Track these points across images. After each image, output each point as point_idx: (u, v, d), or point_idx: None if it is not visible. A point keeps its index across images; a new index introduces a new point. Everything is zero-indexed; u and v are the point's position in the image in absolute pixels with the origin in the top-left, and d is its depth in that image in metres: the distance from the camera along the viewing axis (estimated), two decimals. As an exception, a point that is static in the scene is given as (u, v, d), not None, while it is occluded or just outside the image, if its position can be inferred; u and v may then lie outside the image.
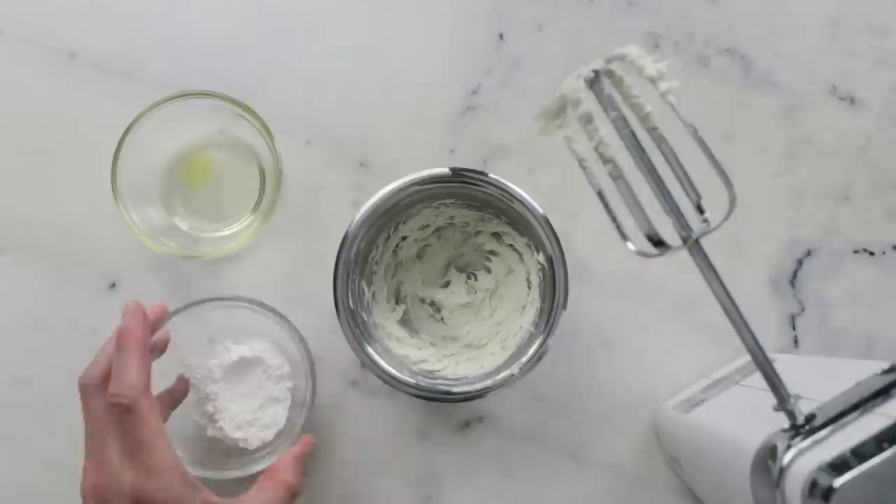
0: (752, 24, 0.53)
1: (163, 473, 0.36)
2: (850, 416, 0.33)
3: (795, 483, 0.31)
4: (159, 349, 0.44)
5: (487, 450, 0.50)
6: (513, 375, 0.44)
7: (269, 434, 0.47)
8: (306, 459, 0.44)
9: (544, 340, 0.44)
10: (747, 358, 0.35)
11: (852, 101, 0.52)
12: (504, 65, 0.52)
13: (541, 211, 0.45)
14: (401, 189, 0.45)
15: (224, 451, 0.48)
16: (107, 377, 0.38)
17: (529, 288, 0.49)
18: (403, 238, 0.49)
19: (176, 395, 0.46)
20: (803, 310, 0.51)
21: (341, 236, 0.45)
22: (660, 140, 0.34)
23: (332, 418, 0.50)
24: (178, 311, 0.45)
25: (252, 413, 0.47)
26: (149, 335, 0.40)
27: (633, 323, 0.51)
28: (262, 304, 0.46)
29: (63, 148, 0.51)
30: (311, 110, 0.52)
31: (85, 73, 0.51)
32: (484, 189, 0.46)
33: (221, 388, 0.47)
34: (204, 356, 0.48)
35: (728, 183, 0.33)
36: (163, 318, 0.43)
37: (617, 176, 0.33)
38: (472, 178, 0.45)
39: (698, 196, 0.33)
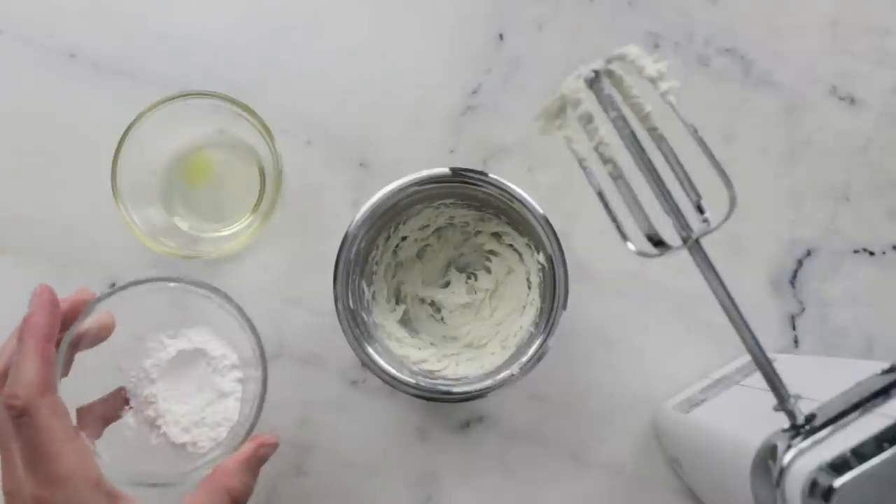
0: (752, 24, 0.53)
1: (67, 483, 0.32)
2: (850, 416, 0.33)
3: (795, 483, 0.31)
4: (90, 339, 0.39)
5: (487, 450, 0.50)
6: (513, 375, 0.44)
7: (222, 432, 0.43)
8: (260, 463, 0.39)
9: (544, 340, 0.44)
10: (747, 358, 0.35)
11: (852, 101, 0.52)
12: (504, 65, 0.52)
13: (541, 211, 0.45)
14: (401, 189, 0.45)
15: (174, 458, 0.43)
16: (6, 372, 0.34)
17: (529, 288, 0.49)
18: (403, 238, 0.49)
19: (111, 408, 0.42)
20: (803, 310, 0.51)
21: (341, 236, 0.45)
22: (660, 140, 0.34)
23: (332, 418, 0.50)
24: (102, 299, 0.39)
25: (198, 412, 0.43)
26: (56, 325, 0.36)
27: (632, 323, 0.51)
28: (193, 282, 0.41)
29: (63, 148, 0.51)
30: (311, 110, 0.52)
31: (85, 73, 0.51)
32: (484, 189, 0.46)
33: (160, 389, 0.43)
34: (137, 356, 0.43)
35: (728, 183, 0.33)
36: (81, 305, 0.38)
37: (617, 176, 0.33)
38: (472, 178, 0.45)
39: (698, 196, 0.33)
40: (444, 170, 0.45)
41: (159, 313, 0.44)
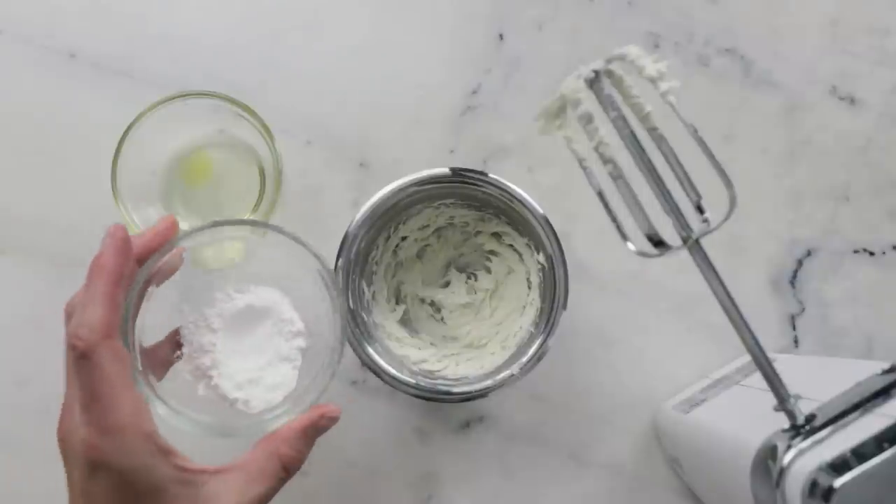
0: (752, 24, 0.53)
1: (120, 433, 0.31)
2: (850, 416, 0.33)
3: (795, 483, 0.31)
4: (160, 276, 0.37)
5: (487, 450, 0.50)
6: (513, 375, 0.44)
7: (277, 396, 0.40)
8: (317, 433, 0.37)
9: (544, 340, 0.44)
10: (747, 358, 0.35)
11: (852, 101, 0.52)
12: (504, 65, 0.52)
13: (541, 211, 0.45)
14: (401, 189, 0.45)
15: (220, 411, 0.41)
16: None
17: (529, 288, 0.49)
18: (403, 238, 0.49)
19: (168, 351, 0.40)
20: (803, 310, 0.51)
21: (341, 236, 0.45)
22: (660, 140, 0.34)
23: (332, 418, 0.50)
24: (183, 237, 0.37)
25: (255, 371, 0.41)
26: (126, 267, 0.34)
27: (633, 323, 0.51)
28: (275, 228, 0.37)
29: (63, 148, 0.51)
30: (311, 110, 0.52)
31: (85, 73, 0.51)
32: (484, 189, 0.46)
33: (219, 339, 0.40)
34: (201, 302, 0.41)
35: (728, 183, 0.33)
36: (158, 241, 0.37)
37: (617, 176, 0.33)
38: (472, 178, 0.45)
39: (698, 196, 0.33)
40: (444, 170, 0.45)
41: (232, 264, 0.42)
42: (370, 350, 0.45)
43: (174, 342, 0.40)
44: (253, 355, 0.41)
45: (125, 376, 0.32)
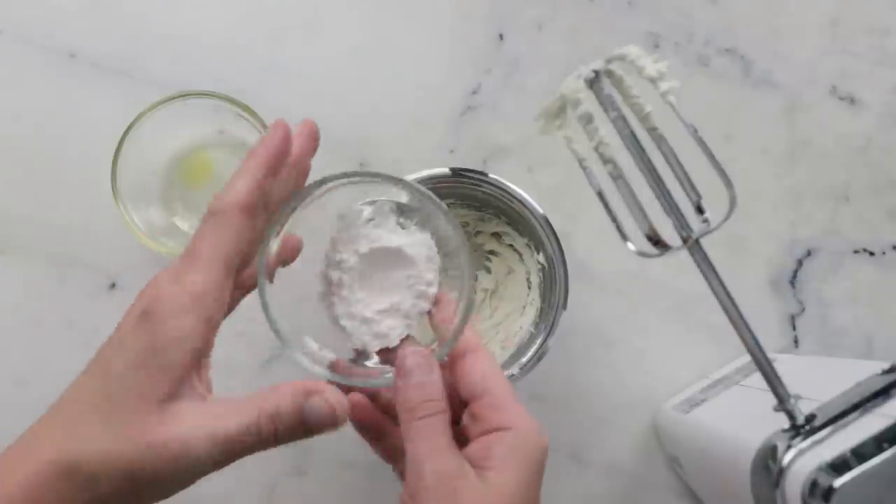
0: (752, 24, 0.53)
1: (181, 293, 0.30)
2: (850, 416, 0.33)
3: (795, 483, 0.31)
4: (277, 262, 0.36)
5: (487, 450, 0.50)
6: (513, 375, 0.44)
7: (392, 340, 0.37)
8: (312, 422, 0.34)
9: (544, 340, 0.44)
10: (747, 358, 0.35)
11: (852, 101, 0.52)
12: (504, 65, 0.52)
13: (541, 211, 0.45)
14: (401, 189, 0.45)
15: (329, 338, 0.38)
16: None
17: (529, 288, 0.49)
18: (403, 238, 0.49)
19: (288, 251, 0.37)
20: (803, 310, 0.51)
21: (341, 236, 0.45)
22: (660, 140, 0.34)
23: (332, 418, 0.50)
24: (337, 178, 0.36)
25: (371, 311, 0.38)
26: (281, 159, 0.34)
27: (633, 323, 0.51)
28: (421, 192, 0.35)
29: (63, 148, 0.51)
30: (311, 110, 0.51)
31: (85, 73, 0.51)
32: (484, 189, 0.46)
33: (356, 264, 0.38)
34: (348, 224, 0.38)
35: (728, 183, 0.33)
36: (313, 147, 0.37)
37: (617, 176, 0.33)
38: (472, 178, 0.45)
39: (698, 196, 0.33)
40: (444, 170, 0.45)
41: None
42: (370, 350, 0.45)
43: (295, 247, 0.38)
44: (375, 294, 0.38)
45: (227, 250, 0.31)
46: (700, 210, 0.33)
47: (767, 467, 0.33)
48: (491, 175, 0.45)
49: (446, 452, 0.31)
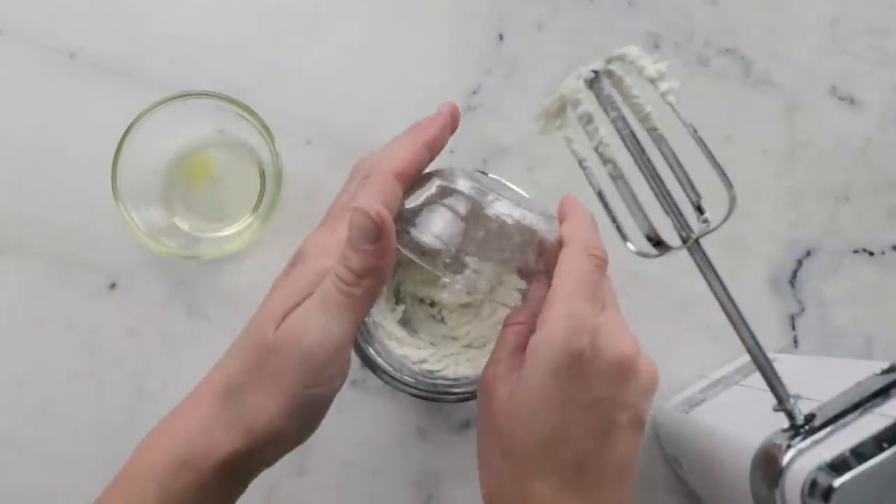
0: (752, 24, 0.53)
1: (303, 258, 0.33)
2: (849, 416, 0.33)
3: (795, 483, 0.31)
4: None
5: (487, 450, 0.50)
6: (513, 375, 0.43)
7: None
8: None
9: (544, 340, 0.44)
10: (747, 358, 0.35)
11: (852, 101, 0.52)
12: (504, 65, 0.52)
13: (541, 211, 0.44)
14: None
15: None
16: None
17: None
18: (403, 238, 0.49)
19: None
20: (803, 310, 0.51)
21: (341, 236, 0.45)
22: (660, 140, 0.34)
23: (332, 418, 0.50)
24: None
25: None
26: (442, 140, 0.36)
27: (632, 323, 0.50)
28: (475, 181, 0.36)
29: (63, 148, 0.51)
30: (311, 110, 0.52)
31: (85, 73, 0.51)
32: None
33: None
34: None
35: (728, 183, 0.33)
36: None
37: (617, 176, 0.33)
38: (472, 178, 0.45)
39: (698, 196, 0.33)
40: (444, 170, 0.45)
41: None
42: (370, 350, 0.45)
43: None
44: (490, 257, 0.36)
45: (375, 208, 0.31)
46: (700, 210, 0.33)
47: (767, 467, 0.33)
48: (491, 175, 0.45)
49: (502, 361, 0.34)
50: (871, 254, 0.51)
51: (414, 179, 0.35)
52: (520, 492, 0.31)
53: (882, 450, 0.31)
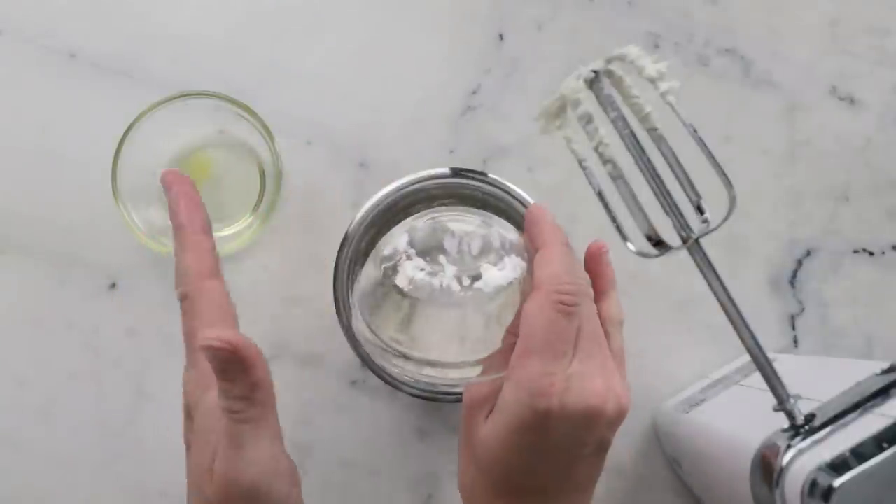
0: (752, 24, 0.53)
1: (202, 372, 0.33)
2: (849, 416, 0.33)
3: (795, 483, 0.31)
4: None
5: (487, 450, 0.50)
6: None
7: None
8: None
9: (544, 340, 0.44)
10: (747, 358, 0.35)
11: (852, 101, 0.52)
12: (504, 65, 0.52)
13: (541, 211, 0.44)
14: (400, 189, 0.45)
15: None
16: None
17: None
18: (403, 238, 0.49)
19: None
20: (803, 310, 0.51)
21: (341, 236, 0.45)
22: (660, 140, 0.34)
23: (332, 418, 0.50)
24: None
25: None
26: (202, 214, 0.36)
27: (632, 323, 0.51)
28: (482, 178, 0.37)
29: (63, 148, 0.51)
30: (312, 110, 0.52)
31: (85, 73, 0.51)
32: (484, 189, 0.45)
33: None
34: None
35: (728, 183, 0.33)
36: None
37: (617, 176, 0.33)
38: (472, 178, 0.45)
39: (698, 196, 0.33)
40: (444, 170, 0.45)
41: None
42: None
43: None
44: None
45: (220, 315, 0.34)
46: (700, 210, 0.33)
47: (767, 467, 0.33)
48: (491, 175, 0.45)
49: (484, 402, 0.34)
50: (871, 254, 0.51)
51: (214, 254, 0.36)
52: (487, 500, 0.34)
53: (882, 450, 0.31)
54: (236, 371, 0.30)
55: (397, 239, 0.38)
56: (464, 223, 0.38)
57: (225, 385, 0.30)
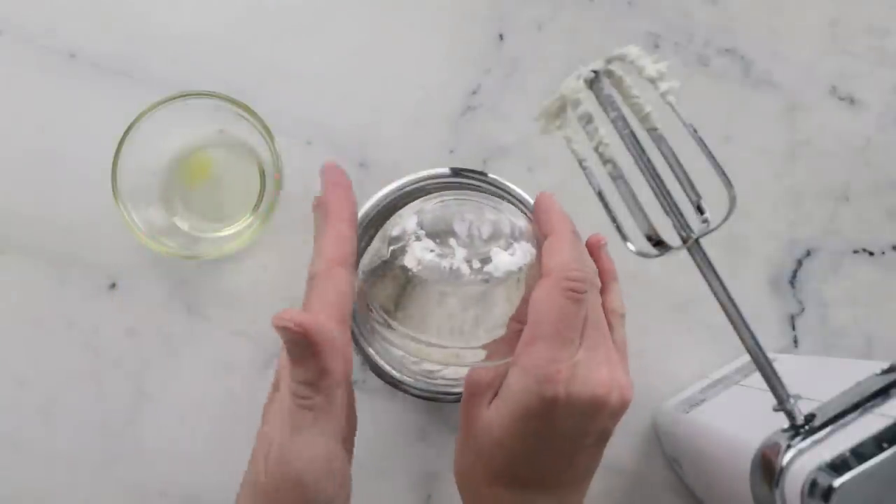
0: (752, 24, 0.53)
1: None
2: (849, 416, 0.33)
3: (795, 483, 0.31)
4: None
5: (487, 450, 0.50)
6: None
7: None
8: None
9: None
10: (747, 358, 0.35)
11: (852, 101, 0.52)
12: (504, 65, 0.52)
13: (541, 211, 0.44)
14: (400, 189, 0.45)
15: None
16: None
17: (529, 288, 0.49)
18: (403, 238, 0.49)
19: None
20: (803, 310, 0.51)
21: (341, 236, 0.45)
22: (660, 140, 0.34)
23: (332, 418, 0.50)
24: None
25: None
26: (350, 204, 0.37)
27: (632, 323, 0.51)
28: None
29: (63, 148, 0.51)
30: (311, 110, 0.52)
31: (85, 73, 0.51)
32: (484, 189, 0.46)
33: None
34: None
35: (728, 183, 0.33)
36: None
37: (617, 176, 0.33)
38: (472, 178, 0.45)
39: (698, 196, 0.33)
40: (444, 170, 0.45)
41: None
42: (370, 350, 0.45)
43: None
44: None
45: (335, 308, 0.33)
46: (700, 210, 0.33)
47: (767, 467, 0.33)
48: (491, 175, 0.45)
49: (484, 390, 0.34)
50: (871, 254, 0.51)
51: (352, 245, 0.36)
52: (485, 487, 0.33)
53: (882, 450, 0.31)
54: (306, 354, 0.30)
55: (406, 220, 0.37)
56: (474, 207, 0.38)
57: (295, 367, 0.30)
